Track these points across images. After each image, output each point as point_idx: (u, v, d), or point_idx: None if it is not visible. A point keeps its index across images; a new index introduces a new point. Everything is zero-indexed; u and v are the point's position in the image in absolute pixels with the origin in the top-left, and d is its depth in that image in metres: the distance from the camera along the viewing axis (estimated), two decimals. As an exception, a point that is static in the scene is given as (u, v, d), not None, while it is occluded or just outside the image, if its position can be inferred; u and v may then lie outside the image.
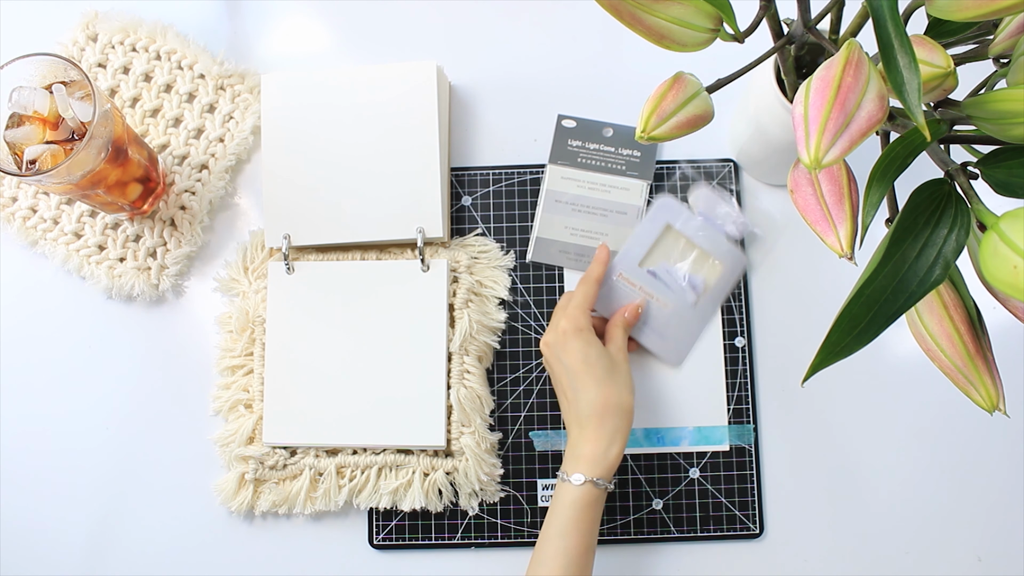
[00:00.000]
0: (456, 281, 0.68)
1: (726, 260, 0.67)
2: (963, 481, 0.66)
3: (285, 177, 0.68)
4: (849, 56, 0.37)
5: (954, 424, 0.67)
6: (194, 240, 0.71)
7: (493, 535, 0.66)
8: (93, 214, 0.71)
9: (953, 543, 0.66)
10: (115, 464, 0.68)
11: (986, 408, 0.42)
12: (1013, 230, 0.34)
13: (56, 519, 0.68)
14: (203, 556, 0.67)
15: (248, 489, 0.66)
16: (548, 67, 0.73)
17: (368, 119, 0.68)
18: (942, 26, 0.45)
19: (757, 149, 0.66)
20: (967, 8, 0.38)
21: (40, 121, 0.59)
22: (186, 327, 0.70)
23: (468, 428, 0.66)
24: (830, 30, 0.48)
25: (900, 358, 0.68)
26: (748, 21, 0.46)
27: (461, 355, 0.67)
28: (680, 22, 0.43)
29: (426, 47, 0.74)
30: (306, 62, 0.74)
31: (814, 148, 0.36)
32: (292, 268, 0.68)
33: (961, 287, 0.43)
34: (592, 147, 0.71)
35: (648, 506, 0.66)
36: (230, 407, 0.68)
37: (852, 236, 0.42)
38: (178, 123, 0.72)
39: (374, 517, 0.67)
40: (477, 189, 0.71)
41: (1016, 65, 0.41)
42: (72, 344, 0.70)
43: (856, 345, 0.39)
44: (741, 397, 0.67)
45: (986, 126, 0.41)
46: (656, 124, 0.44)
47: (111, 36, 0.73)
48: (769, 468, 0.67)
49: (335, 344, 0.67)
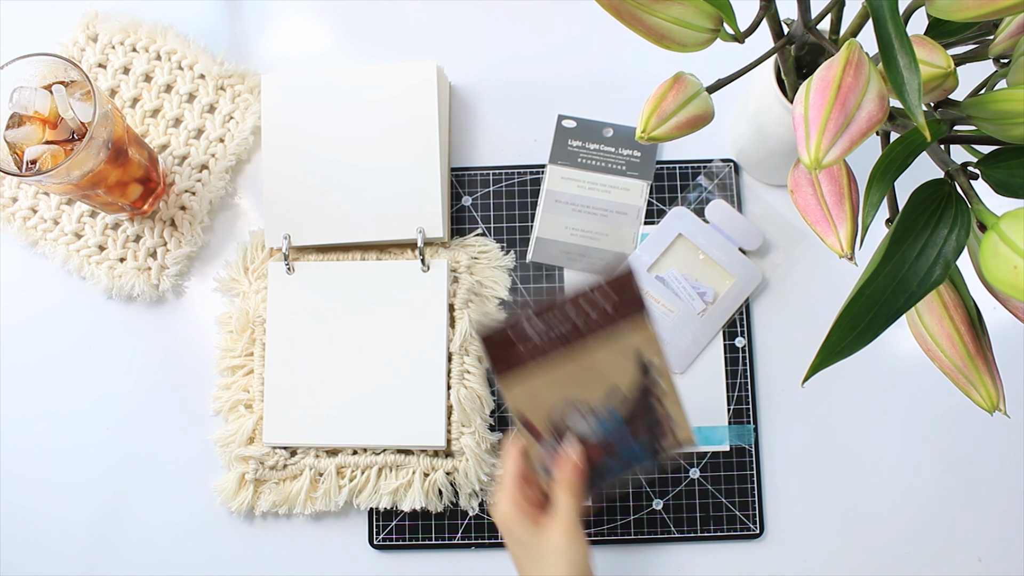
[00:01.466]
0: (456, 281, 0.68)
1: (738, 273, 0.67)
2: (963, 481, 0.66)
3: (285, 177, 0.68)
4: (849, 56, 0.37)
5: (954, 424, 0.67)
6: (194, 240, 0.71)
7: (493, 535, 0.66)
8: (93, 214, 0.71)
9: (953, 543, 0.66)
10: (115, 464, 0.68)
11: (986, 408, 0.42)
12: (1013, 230, 0.34)
13: (56, 519, 0.68)
14: (203, 556, 0.67)
15: (248, 489, 0.66)
16: (548, 67, 0.73)
17: (368, 119, 0.68)
18: (942, 26, 0.45)
19: (757, 149, 0.66)
20: (967, 8, 0.38)
21: (40, 121, 0.59)
22: (186, 327, 0.70)
23: (468, 428, 0.66)
24: (830, 30, 0.48)
25: (900, 358, 0.68)
26: (748, 21, 0.46)
27: (461, 355, 0.67)
28: (680, 22, 0.43)
29: (426, 47, 0.74)
30: (306, 62, 0.74)
31: (814, 148, 0.36)
32: (292, 268, 0.68)
33: (961, 287, 0.43)
34: (592, 147, 0.71)
35: (648, 506, 0.66)
36: (230, 407, 0.68)
37: (852, 236, 0.42)
38: (178, 123, 0.72)
39: (374, 517, 0.67)
40: (477, 189, 0.71)
41: (1016, 65, 0.41)
42: (72, 344, 0.70)
43: (856, 345, 0.39)
44: (741, 397, 0.67)
45: (986, 126, 0.41)
46: (656, 124, 0.44)
47: (111, 36, 0.73)
48: (769, 468, 0.67)
49: (335, 344, 0.67)
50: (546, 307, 0.50)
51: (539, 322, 0.50)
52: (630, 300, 0.50)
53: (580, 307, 0.50)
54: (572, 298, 0.50)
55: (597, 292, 0.50)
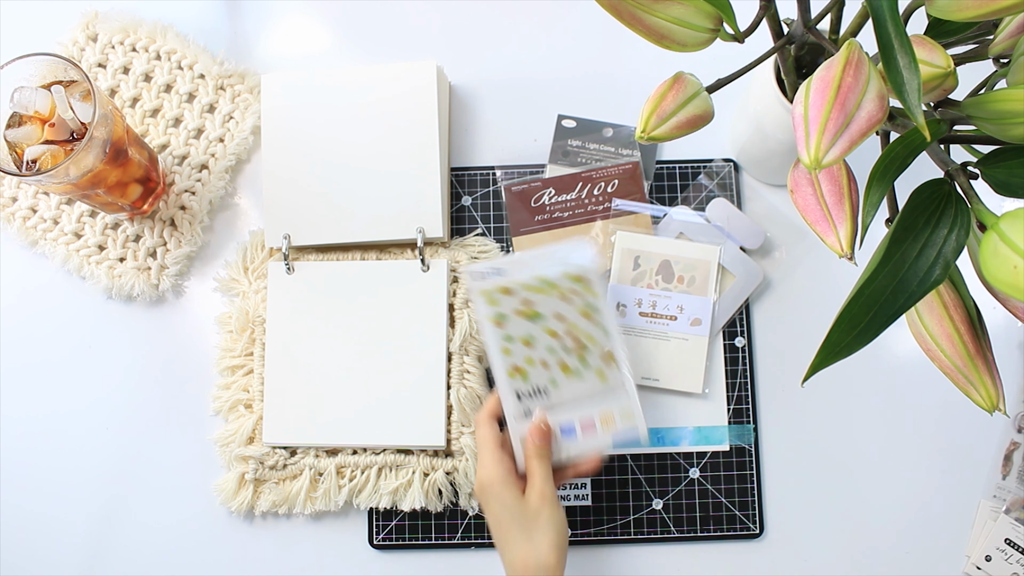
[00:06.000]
0: (456, 281, 0.68)
1: (739, 272, 0.67)
2: (963, 481, 0.66)
3: (285, 177, 0.68)
4: (849, 56, 0.37)
5: (954, 424, 0.67)
6: (194, 240, 0.71)
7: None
8: (93, 214, 0.71)
9: (953, 543, 0.66)
10: (115, 464, 0.68)
11: (986, 408, 0.42)
12: (1013, 230, 0.34)
13: (56, 519, 0.68)
14: (203, 556, 0.67)
15: (248, 489, 0.66)
16: (548, 67, 0.73)
17: (368, 119, 0.68)
18: (942, 26, 0.45)
19: (757, 149, 0.66)
20: (967, 8, 0.38)
21: (40, 121, 0.59)
22: (186, 327, 0.70)
23: (468, 428, 0.66)
24: (830, 30, 0.48)
25: (900, 358, 0.68)
26: (748, 21, 0.46)
27: (461, 355, 0.67)
28: (680, 22, 0.43)
29: (426, 47, 0.74)
30: (306, 62, 0.74)
31: (814, 148, 0.36)
32: (292, 268, 0.68)
33: (961, 287, 0.43)
34: (592, 147, 0.71)
35: (648, 506, 0.66)
36: (230, 407, 0.68)
37: (852, 236, 0.42)
38: (178, 123, 0.72)
39: (374, 517, 0.67)
40: (477, 189, 0.71)
41: (1016, 65, 0.41)
42: (72, 344, 0.70)
43: (856, 345, 0.39)
44: (741, 397, 0.67)
45: (986, 126, 0.41)
46: (656, 124, 0.44)
47: (111, 36, 0.73)
48: (769, 468, 0.67)
49: (335, 344, 0.67)
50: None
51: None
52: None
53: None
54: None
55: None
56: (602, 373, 0.61)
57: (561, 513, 0.56)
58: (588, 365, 0.61)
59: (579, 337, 0.61)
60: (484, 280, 0.61)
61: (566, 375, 0.61)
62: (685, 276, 0.67)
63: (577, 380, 0.61)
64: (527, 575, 0.54)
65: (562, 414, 0.60)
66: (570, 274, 0.62)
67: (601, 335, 0.61)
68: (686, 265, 0.67)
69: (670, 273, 0.67)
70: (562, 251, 0.63)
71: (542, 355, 0.61)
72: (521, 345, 0.61)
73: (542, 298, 0.61)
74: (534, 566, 0.54)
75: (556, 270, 0.62)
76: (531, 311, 0.61)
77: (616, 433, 0.61)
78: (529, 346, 0.61)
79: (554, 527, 0.55)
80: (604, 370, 0.61)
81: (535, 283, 0.61)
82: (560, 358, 0.61)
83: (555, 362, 0.61)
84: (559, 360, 0.61)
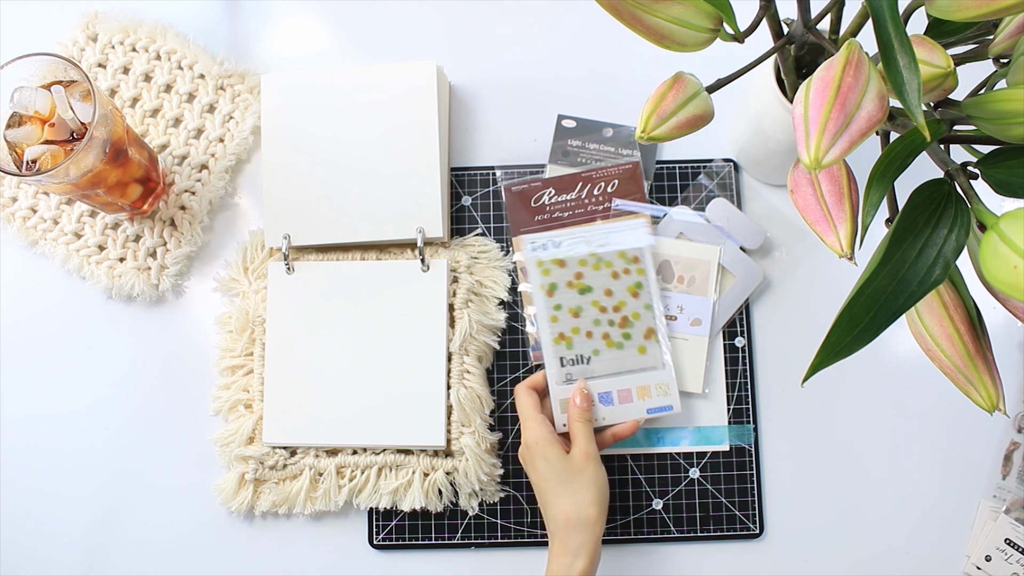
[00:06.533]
0: (456, 281, 0.68)
1: (740, 271, 0.67)
2: (963, 481, 0.66)
3: (285, 177, 0.68)
4: (849, 56, 0.37)
5: (954, 424, 0.67)
6: (194, 240, 0.71)
7: (493, 535, 0.66)
8: (93, 214, 0.71)
9: (953, 543, 0.66)
10: (115, 464, 0.68)
11: (986, 408, 0.42)
12: (1013, 230, 0.34)
13: (56, 519, 0.68)
14: (203, 556, 0.67)
15: (248, 489, 0.66)
16: (548, 67, 0.73)
17: (368, 119, 0.68)
18: (942, 26, 0.45)
19: (757, 149, 0.66)
20: (967, 8, 0.38)
21: (40, 121, 0.59)
22: (186, 327, 0.70)
23: (468, 428, 0.66)
24: (830, 30, 0.49)
25: (900, 358, 0.68)
26: (748, 21, 0.46)
27: (461, 355, 0.67)
28: (680, 22, 0.43)
29: (426, 47, 0.74)
30: (306, 62, 0.74)
31: (814, 148, 0.36)
32: (292, 268, 0.68)
33: (961, 287, 0.43)
34: (592, 147, 0.71)
35: (648, 506, 0.66)
36: (230, 407, 0.68)
37: (852, 236, 0.42)
38: (178, 123, 0.72)
39: (374, 517, 0.67)
40: (477, 189, 0.71)
41: (1016, 65, 0.41)
42: (72, 344, 0.70)
43: (856, 345, 0.39)
44: (741, 397, 0.67)
45: (986, 126, 0.41)
46: (656, 124, 0.44)
47: (111, 36, 0.73)
48: (769, 468, 0.67)
49: (335, 344, 0.67)
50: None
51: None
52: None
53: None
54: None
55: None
56: (643, 348, 0.65)
57: (603, 471, 0.59)
58: (631, 339, 0.65)
59: (625, 313, 0.65)
60: (542, 251, 0.65)
61: (608, 346, 0.64)
62: (685, 276, 0.67)
63: (618, 352, 0.64)
64: (570, 529, 0.57)
65: (601, 383, 0.64)
66: (625, 253, 0.65)
67: (646, 312, 0.65)
68: (686, 265, 0.67)
69: (670, 273, 0.67)
70: (619, 230, 0.66)
71: (588, 326, 0.65)
72: (568, 315, 0.65)
73: (594, 273, 0.65)
74: (575, 520, 0.57)
75: (611, 248, 0.65)
76: (582, 284, 0.65)
77: (651, 406, 0.64)
78: (576, 316, 0.65)
79: (596, 484, 0.58)
80: (645, 345, 0.65)
81: (590, 259, 0.65)
82: (604, 330, 0.65)
83: (599, 334, 0.65)
84: (603, 332, 0.65)
